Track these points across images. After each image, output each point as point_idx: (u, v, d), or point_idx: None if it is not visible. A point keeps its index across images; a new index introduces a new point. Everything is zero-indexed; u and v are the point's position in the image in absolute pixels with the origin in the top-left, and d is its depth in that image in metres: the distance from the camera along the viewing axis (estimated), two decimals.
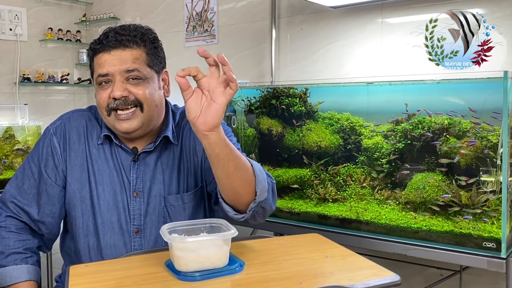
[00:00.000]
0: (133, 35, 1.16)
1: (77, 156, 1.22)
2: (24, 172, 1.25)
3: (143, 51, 1.17)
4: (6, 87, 2.83)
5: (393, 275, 0.94)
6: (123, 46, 1.15)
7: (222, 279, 0.93)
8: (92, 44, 1.19)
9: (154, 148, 1.24)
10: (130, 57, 1.15)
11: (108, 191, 1.21)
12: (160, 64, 1.22)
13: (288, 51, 2.30)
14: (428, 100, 1.56)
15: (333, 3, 2.01)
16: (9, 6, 2.81)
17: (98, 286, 0.90)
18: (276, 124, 1.85)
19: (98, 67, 1.16)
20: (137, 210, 1.21)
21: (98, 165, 1.22)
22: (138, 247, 1.21)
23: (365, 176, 1.66)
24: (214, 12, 2.58)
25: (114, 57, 1.14)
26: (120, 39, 1.15)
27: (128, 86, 1.15)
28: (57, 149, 1.22)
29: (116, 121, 1.16)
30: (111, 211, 1.20)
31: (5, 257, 1.18)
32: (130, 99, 1.14)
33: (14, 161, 2.40)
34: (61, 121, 1.27)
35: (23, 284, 1.18)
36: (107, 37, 1.16)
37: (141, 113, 1.16)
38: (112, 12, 3.06)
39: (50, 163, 1.22)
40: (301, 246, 1.15)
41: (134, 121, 1.16)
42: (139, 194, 1.21)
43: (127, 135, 1.20)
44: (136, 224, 1.21)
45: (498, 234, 1.37)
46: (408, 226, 1.51)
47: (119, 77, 1.14)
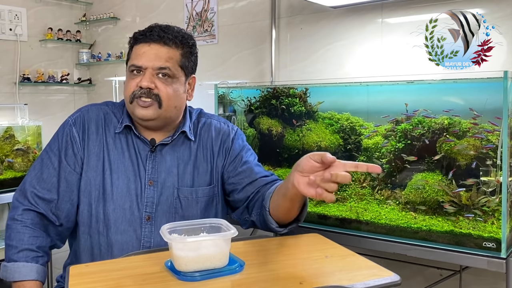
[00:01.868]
0: (174, 35, 1.26)
1: (95, 146, 1.29)
2: (42, 163, 1.29)
3: (179, 52, 1.26)
4: (6, 87, 2.83)
5: (393, 275, 0.94)
6: (163, 42, 1.24)
7: (222, 279, 0.93)
8: (136, 33, 1.28)
9: (172, 142, 1.31)
10: (165, 55, 1.24)
11: (123, 178, 1.26)
12: (191, 68, 1.31)
13: (288, 51, 2.30)
14: (428, 100, 1.56)
15: (333, 3, 2.01)
16: (9, 6, 2.81)
17: (98, 286, 0.91)
18: (276, 124, 1.85)
19: (135, 56, 1.25)
20: (150, 198, 1.27)
21: (114, 154, 1.28)
22: (148, 234, 1.25)
23: (365, 176, 1.66)
24: (214, 12, 2.58)
25: (152, 51, 1.23)
26: (163, 36, 1.24)
27: (156, 80, 1.24)
28: (76, 138, 1.29)
29: (136, 107, 1.24)
30: (124, 198, 1.26)
31: (18, 252, 1.21)
32: (154, 92, 1.23)
33: (14, 161, 2.40)
34: (80, 113, 1.33)
35: (30, 282, 1.21)
36: (151, 31, 1.26)
37: (158, 109, 1.24)
38: (112, 12, 3.06)
39: (69, 151, 1.28)
40: (301, 246, 1.15)
41: (150, 110, 1.23)
42: (153, 183, 1.27)
43: (143, 122, 1.27)
44: (148, 211, 1.26)
45: (498, 234, 1.37)
46: (408, 226, 1.51)
47: (151, 70, 1.23)
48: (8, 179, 2.34)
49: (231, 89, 1.98)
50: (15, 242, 1.22)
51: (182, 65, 1.27)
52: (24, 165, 2.41)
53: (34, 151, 2.50)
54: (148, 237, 1.26)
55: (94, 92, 3.20)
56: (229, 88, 1.98)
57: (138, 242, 1.25)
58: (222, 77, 2.46)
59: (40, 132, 2.58)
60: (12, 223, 1.24)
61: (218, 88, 1.96)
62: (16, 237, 1.23)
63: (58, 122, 1.38)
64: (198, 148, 1.34)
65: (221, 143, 1.36)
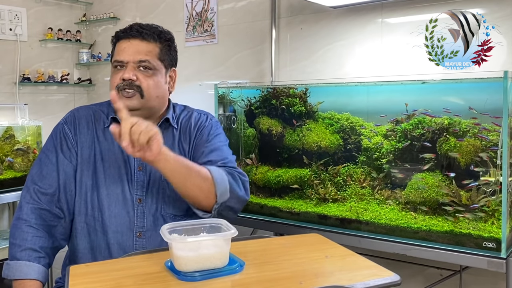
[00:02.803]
0: (152, 31, 1.36)
1: (86, 139, 1.37)
2: (41, 162, 1.36)
3: (157, 46, 1.36)
4: (6, 87, 2.83)
5: (393, 275, 0.94)
6: (142, 37, 1.34)
7: (222, 279, 0.93)
8: (117, 32, 1.39)
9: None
10: (145, 49, 1.34)
11: (114, 166, 1.35)
12: (170, 61, 1.41)
13: (288, 51, 2.30)
14: (428, 100, 1.56)
15: (333, 3, 2.01)
16: (9, 6, 2.81)
17: (98, 286, 0.91)
18: (276, 124, 1.85)
19: (117, 53, 1.36)
20: (140, 182, 1.34)
21: (105, 145, 1.36)
22: (140, 215, 1.32)
23: (365, 176, 1.66)
24: (214, 12, 2.58)
25: (132, 46, 1.34)
26: (141, 31, 1.35)
27: (138, 73, 1.32)
28: (69, 134, 1.37)
29: (121, 98, 1.30)
30: (116, 183, 1.33)
31: (21, 250, 1.25)
32: (135, 84, 1.31)
33: (14, 161, 2.40)
34: (70, 113, 1.43)
35: (30, 281, 1.23)
36: (131, 28, 1.36)
37: (141, 99, 1.32)
38: (112, 12, 3.06)
39: (64, 146, 1.36)
40: (301, 246, 1.15)
41: (134, 100, 1.31)
42: (142, 169, 1.35)
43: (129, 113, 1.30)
44: (139, 194, 1.34)
45: (498, 234, 1.37)
46: (408, 226, 1.51)
47: (132, 64, 1.32)
48: (8, 179, 2.34)
49: (231, 89, 1.98)
50: (18, 241, 1.26)
51: (161, 58, 1.36)
52: (24, 165, 2.41)
53: (34, 150, 2.50)
54: (140, 218, 1.32)
55: (94, 92, 3.20)
56: (229, 88, 1.98)
57: (132, 223, 1.32)
58: (222, 77, 2.46)
59: (40, 132, 2.58)
60: (17, 222, 1.28)
61: (218, 88, 1.96)
62: (20, 236, 1.26)
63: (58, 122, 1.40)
64: (179, 135, 1.42)
65: (197, 131, 1.43)
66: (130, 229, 1.31)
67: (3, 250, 2.31)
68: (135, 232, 1.31)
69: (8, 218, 2.78)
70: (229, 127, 1.96)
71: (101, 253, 1.30)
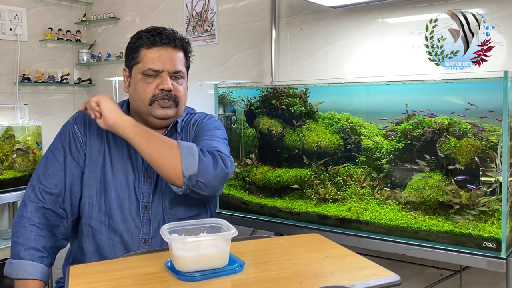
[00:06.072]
0: (180, 39, 1.36)
1: (96, 141, 1.35)
2: (47, 160, 1.34)
3: (183, 54, 1.38)
4: (6, 87, 2.83)
5: (393, 275, 0.95)
6: (174, 45, 1.34)
7: (222, 279, 0.94)
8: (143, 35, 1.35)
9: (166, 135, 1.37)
10: (177, 58, 1.35)
11: (122, 171, 1.34)
12: (189, 67, 1.43)
13: (288, 51, 2.30)
14: (428, 100, 1.56)
15: (333, 3, 2.01)
16: (9, 6, 2.81)
17: (98, 286, 0.91)
18: (276, 124, 1.85)
19: (150, 60, 1.32)
20: (147, 189, 1.34)
21: (114, 149, 1.35)
22: (146, 221, 1.32)
23: (365, 176, 1.66)
24: (214, 12, 2.58)
25: (167, 55, 1.32)
26: (173, 39, 1.34)
27: (173, 82, 1.34)
28: (78, 134, 1.35)
29: (157, 107, 1.33)
30: (123, 189, 1.32)
31: (25, 249, 1.24)
32: (173, 94, 1.33)
33: (14, 161, 2.40)
34: (79, 113, 1.40)
35: (33, 281, 1.23)
36: (160, 34, 1.33)
37: (175, 108, 1.35)
38: (112, 12, 3.06)
39: (73, 147, 1.34)
40: (301, 246, 1.15)
41: (170, 110, 1.34)
42: (149, 176, 1.34)
43: (162, 122, 1.37)
44: (145, 201, 1.33)
45: (498, 234, 1.37)
46: (408, 226, 1.51)
47: (168, 73, 1.33)
48: (8, 179, 2.34)
49: (231, 89, 1.98)
50: (21, 240, 1.25)
51: (186, 66, 1.40)
52: (24, 165, 2.41)
53: (33, 151, 2.50)
54: (147, 225, 1.31)
55: (94, 92, 3.20)
56: (229, 88, 1.98)
57: (138, 230, 1.31)
58: (222, 77, 2.46)
59: (40, 132, 2.58)
60: (20, 221, 1.27)
61: (218, 88, 1.96)
62: (23, 234, 1.25)
63: (58, 122, 1.40)
64: (181, 138, 1.42)
65: (195, 128, 1.44)
66: (136, 236, 1.30)
67: (3, 250, 2.31)
68: (141, 238, 1.30)
69: (8, 218, 2.77)
70: (229, 127, 1.95)
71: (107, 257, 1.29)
